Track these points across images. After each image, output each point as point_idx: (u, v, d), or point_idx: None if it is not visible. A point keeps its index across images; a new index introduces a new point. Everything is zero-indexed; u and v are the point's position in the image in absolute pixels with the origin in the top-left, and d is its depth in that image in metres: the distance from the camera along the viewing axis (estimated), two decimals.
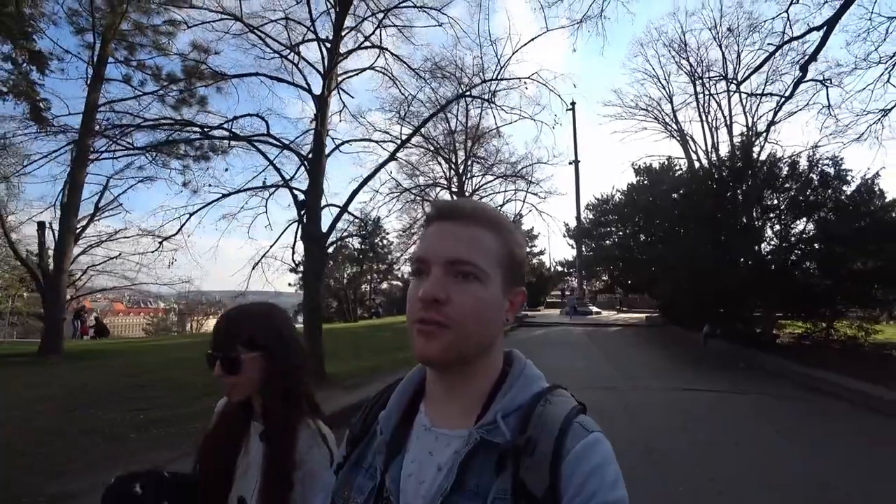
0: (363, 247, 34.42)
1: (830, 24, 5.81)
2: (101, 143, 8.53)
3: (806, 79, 7.03)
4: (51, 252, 14.13)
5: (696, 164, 19.77)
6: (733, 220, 10.74)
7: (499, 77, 7.76)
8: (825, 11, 6.99)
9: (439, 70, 10.29)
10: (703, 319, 11.45)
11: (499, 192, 19.53)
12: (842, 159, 8.99)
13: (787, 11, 7.07)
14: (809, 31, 6.42)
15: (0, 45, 10.64)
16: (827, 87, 8.06)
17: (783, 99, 8.43)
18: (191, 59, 10.12)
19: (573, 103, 29.37)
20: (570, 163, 29.81)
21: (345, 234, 10.97)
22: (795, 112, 14.05)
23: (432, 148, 15.18)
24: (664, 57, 20.90)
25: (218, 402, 1.18)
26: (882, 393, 5.74)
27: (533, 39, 12.82)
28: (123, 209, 11.91)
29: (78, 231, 14.69)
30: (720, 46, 19.01)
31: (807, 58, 6.62)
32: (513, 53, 8.33)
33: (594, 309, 26.12)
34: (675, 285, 11.45)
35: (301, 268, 9.53)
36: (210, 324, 53.66)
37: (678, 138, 20.28)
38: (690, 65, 19.93)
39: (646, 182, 28.78)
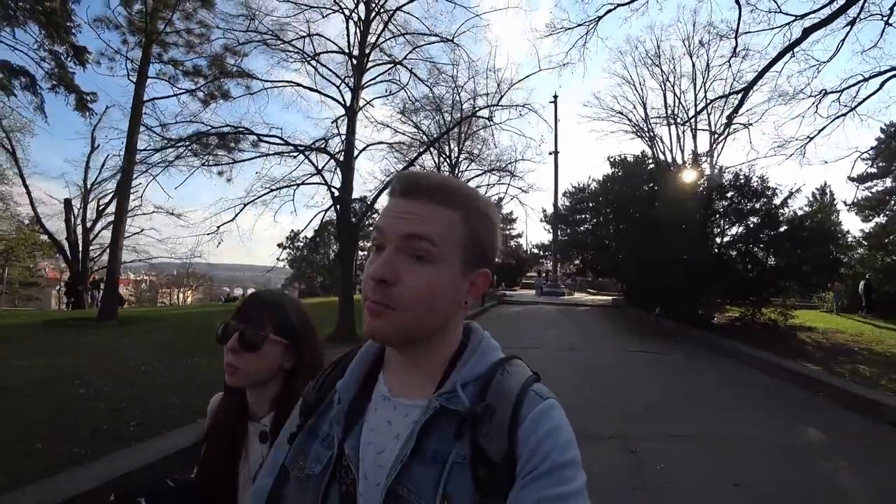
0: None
1: (746, 90, 7.79)
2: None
3: (732, 123, 9.07)
4: (77, 227, 15.41)
5: (664, 161, 21.79)
6: (686, 222, 12.86)
7: (499, 104, 9.52)
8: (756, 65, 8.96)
9: (438, 72, 11.98)
10: (656, 303, 13.68)
11: (484, 185, 21.28)
12: (767, 178, 11.15)
13: (728, 62, 9.04)
14: (732, 93, 8.41)
15: (43, 41, 11.77)
16: (749, 129, 10.17)
17: (717, 136, 10.47)
18: (224, 62, 11.52)
19: (555, 96, 31.09)
20: (550, 153, 31.71)
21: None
22: (750, 125, 16.18)
23: (427, 140, 16.79)
24: (640, 65, 22.68)
25: (210, 401, 1.15)
26: (772, 358, 7.91)
27: (528, 77, 14.75)
28: (165, 192, 13.20)
29: (101, 208, 15.95)
30: (691, 57, 20.92)
31: (731, 110, 8.67)
32: (510, 87, 10.07)
33: (566, 290, 28.34)
34: (632, 275, 13.61)
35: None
36: (189, 295, 54.24)
37: (648, 142, 22.27)
38: (663, 72, 21.80)
39: (620, 174, 30.92)
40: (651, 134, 22.70)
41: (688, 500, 3.13)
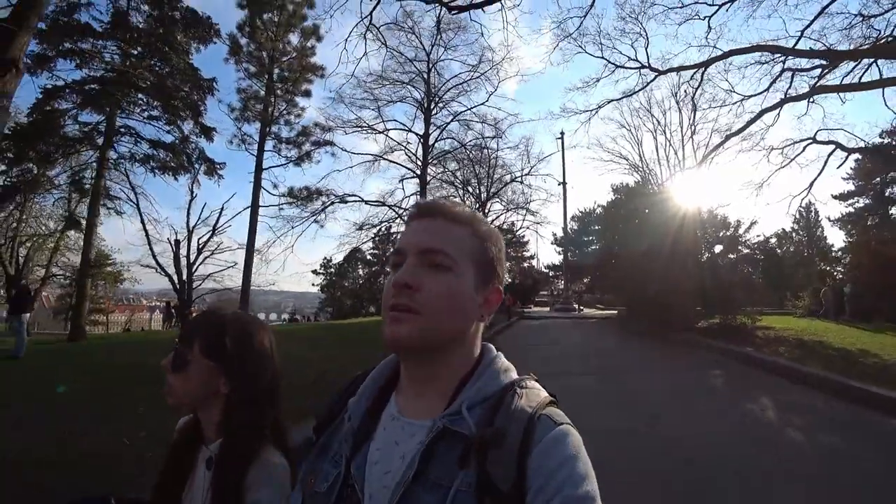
0: (378, 251, 40.30)
1: (699, 165, 11.47)
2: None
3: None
4: (183, 261, 19.21)
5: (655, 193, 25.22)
6: (670, 246, 16.35)
7: (531, 172, 13.32)
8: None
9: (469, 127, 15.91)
10: (648, 314, 17.12)
11: (503, 220, 25.13)
12: (726, 216, 14.74)
13: (691, 138, 12.76)
14: (687, 169, 12.07)
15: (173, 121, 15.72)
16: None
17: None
18: (309, 131, 15.47)
19: (562, 133, 34.90)
20: (560, 184, 35.36)
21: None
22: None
23: (460, 184, 20.65)
24: (634, 115, 26.13)
25: (178, 422, 1.12)
26: (719, 344, 11.20)
27: (550, 155, 19.15)
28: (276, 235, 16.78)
29: (201, 246, 19.79)
30: (678, 104, 24.44)
31: (693, 169, 12.29)
32: (538, 161, 13.92)
33: (576, 306, 31.58)
34: (627, 291, 17.14)
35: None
36: None
37: (643, 176, 25.62)
38: (654, 119, 25.24)
39: (622, 198, 34.42)
40: (646, 169, 26.17)
41: (642, 389, 6.61)
